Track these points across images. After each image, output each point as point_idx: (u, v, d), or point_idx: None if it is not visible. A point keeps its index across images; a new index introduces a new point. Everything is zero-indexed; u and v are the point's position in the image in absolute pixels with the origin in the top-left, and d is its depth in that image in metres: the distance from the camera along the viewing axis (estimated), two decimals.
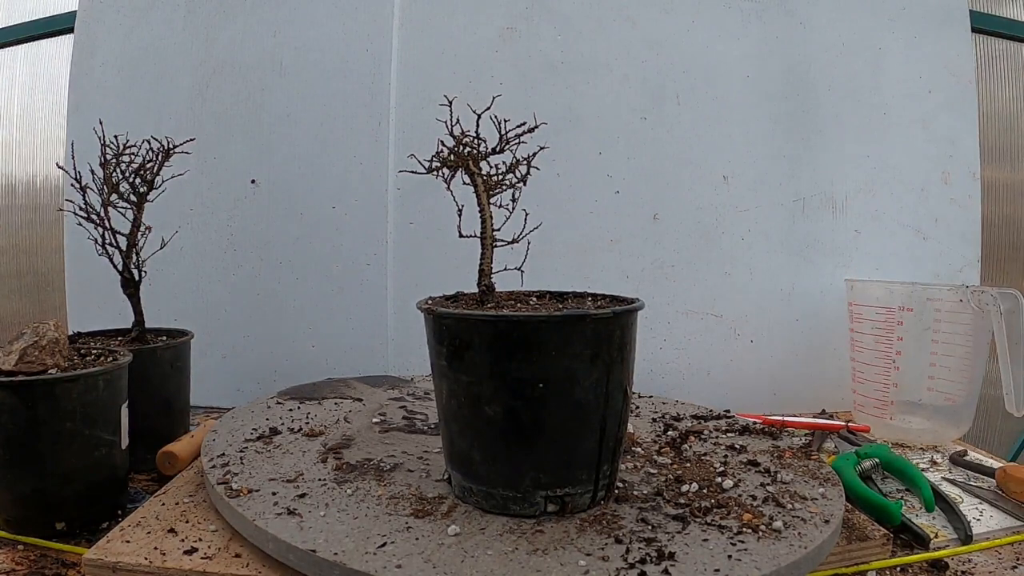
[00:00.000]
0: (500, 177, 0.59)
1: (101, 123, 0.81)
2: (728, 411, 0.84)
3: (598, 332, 0.50)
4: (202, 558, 0.50)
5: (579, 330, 0.50)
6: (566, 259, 1.05)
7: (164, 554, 0.50)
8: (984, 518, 0.66)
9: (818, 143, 1.10)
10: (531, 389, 0.49)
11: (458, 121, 0.59)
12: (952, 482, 0.76)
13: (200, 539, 0.53)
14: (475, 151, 0.59)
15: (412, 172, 0.63)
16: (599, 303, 0.58)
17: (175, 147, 0.84)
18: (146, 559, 0.49)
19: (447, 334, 0.53)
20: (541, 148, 0.62)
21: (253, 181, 1.07)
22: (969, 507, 0.69)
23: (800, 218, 1.09)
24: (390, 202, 1.06)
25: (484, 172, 0.59)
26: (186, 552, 0.51)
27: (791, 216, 1.09)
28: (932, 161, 1.12)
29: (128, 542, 0.52)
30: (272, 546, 0.49)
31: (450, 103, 0.58)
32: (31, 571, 0.54)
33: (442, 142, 0.61)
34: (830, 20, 1.10)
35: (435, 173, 0.61)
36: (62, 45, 1.26)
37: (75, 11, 1.11)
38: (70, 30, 1.14)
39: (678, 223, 1.08)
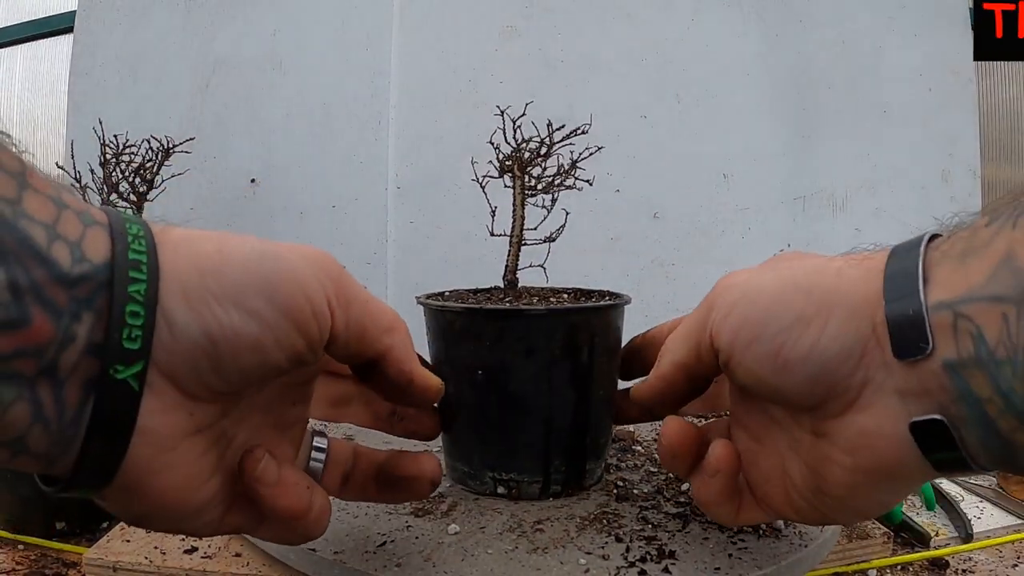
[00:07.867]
0: (549, 180, 0.61)
1: (101, 123, 0.81)
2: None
3: (529, 328, 0.52)
4: (202, 557, 0.50)
5: (511, 325, 0.52)
6: (566, 259, 1.05)
7: (164, 553, 0.50)
8: (985, 516, 0.66)
9: (818, 141, 1.10)
10: (473, 375, 0.53)
11: (519, 127, 0.60)
12: (952, 481, 0.75)
13: (200, 538, 0.53)
14: (529, 156, 0.61)
15: (483, 178, 0.63)
16: (580, 300, 0.61)
17: (175, 147, 0.83)
18: (146, 558, 0.49)
19: (431, 325, 0.56)
20: (598, 148, 0.62)
21: (253, 181, 1.07)
22: (970, 505, 0.69)
23: (801, 216, 1.09)
24: (390, 201, 1.06)
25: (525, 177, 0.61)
26: (186, 552, 0.51)
27: (792, 215, 1.09)
28: (932, 159, 1.11)
29: (128, 541, 0.52)
30: (272, 545, 0.49)
31: (503, 113, 0.60)
32: (31, 571, 0.54)
33: (498, 148, 0.61)
34: (830, 18, 1.10)
35: (485, 177, 0.63)
36: (62, 45, 1.26)
37: (75, 11, 1.11)
38: (70, 30, 1.14)
39: (678, 222, 1.07)
